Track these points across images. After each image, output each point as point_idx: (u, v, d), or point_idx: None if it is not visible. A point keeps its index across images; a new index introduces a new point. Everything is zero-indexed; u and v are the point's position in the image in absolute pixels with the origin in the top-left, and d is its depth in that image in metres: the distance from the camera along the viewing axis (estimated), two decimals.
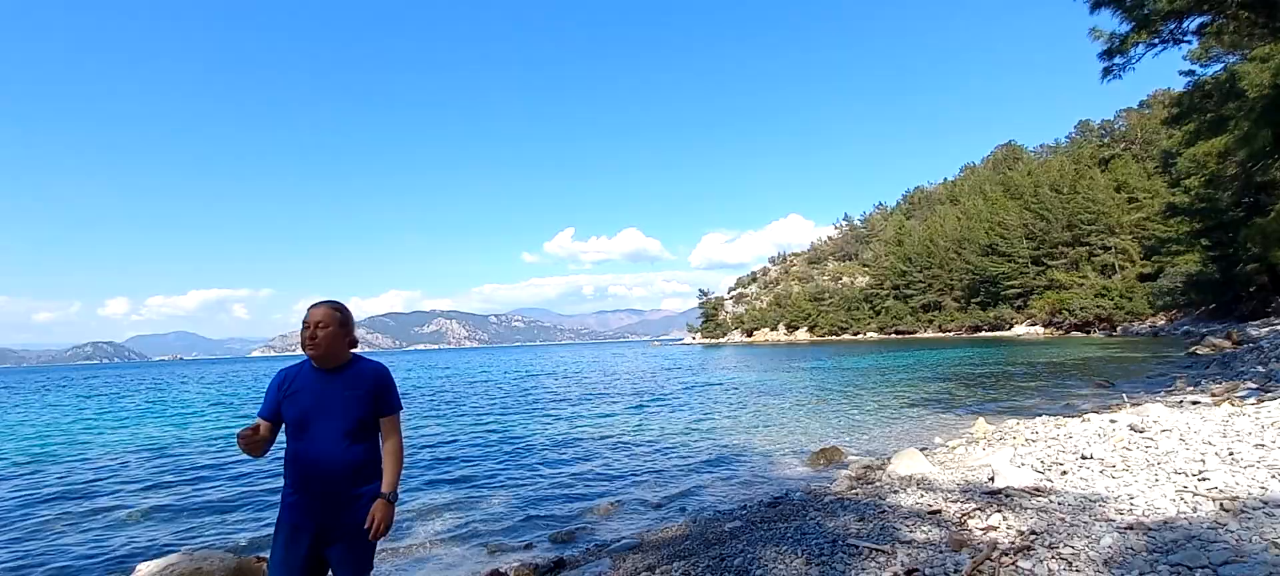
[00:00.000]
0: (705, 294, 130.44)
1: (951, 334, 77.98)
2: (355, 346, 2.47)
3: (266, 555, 3.80)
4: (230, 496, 7.99)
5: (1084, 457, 5.64)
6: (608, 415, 15.05)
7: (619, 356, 66.11)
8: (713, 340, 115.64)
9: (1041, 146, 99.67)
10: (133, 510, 7.50)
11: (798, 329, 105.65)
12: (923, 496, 4.91)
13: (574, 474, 8.45)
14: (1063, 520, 3.84)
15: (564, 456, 9.79)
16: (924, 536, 3.85)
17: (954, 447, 8.14)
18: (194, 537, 6.33)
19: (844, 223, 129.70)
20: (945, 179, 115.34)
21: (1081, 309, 60.65)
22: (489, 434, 12.56)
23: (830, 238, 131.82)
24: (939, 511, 4.39)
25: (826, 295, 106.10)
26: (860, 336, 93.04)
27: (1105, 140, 79.99)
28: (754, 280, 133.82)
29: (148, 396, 29.63)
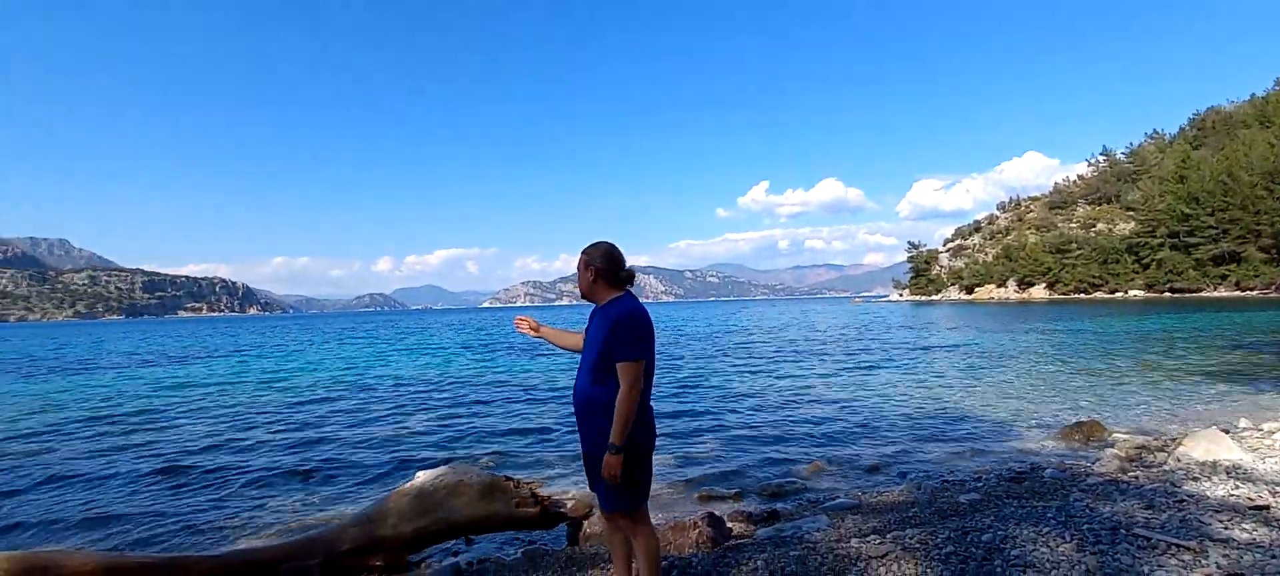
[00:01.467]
0: (915, 246, 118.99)
1: (1255, 293, 61.63)
2: (628, 282, 2.46)
3: (513, 475, 4.29)
4: (484, 421, 9.35)
5: None
6: (811, 372, 14.55)
7: (818, 313, 63.65)
8: (924, 297, 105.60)
9: None
10: (412, 427, 9.14)
11: (1033, 285, 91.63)
12: (1237, 487, 3.90)
13: (780, 429, 8.30)
14: None
15: (768, 411, 9.67)
16: (1247, 536, 3.04)
17: (1273, 431, 6.41)
18: (454, 449, 7.48)
19: (1101, 158, 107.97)
20: (1253, 95, 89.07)
21: None
22: (692, 385, 12.90)
23: (1080, 177, 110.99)
24: (1267, 507, 3.45)
25: (1074, 245, 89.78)
26: (1118, 294, 78.00)
27: None
28: (977, 230, 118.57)
29: (417, 339, 35.80)
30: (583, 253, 2.47)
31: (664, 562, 3.04)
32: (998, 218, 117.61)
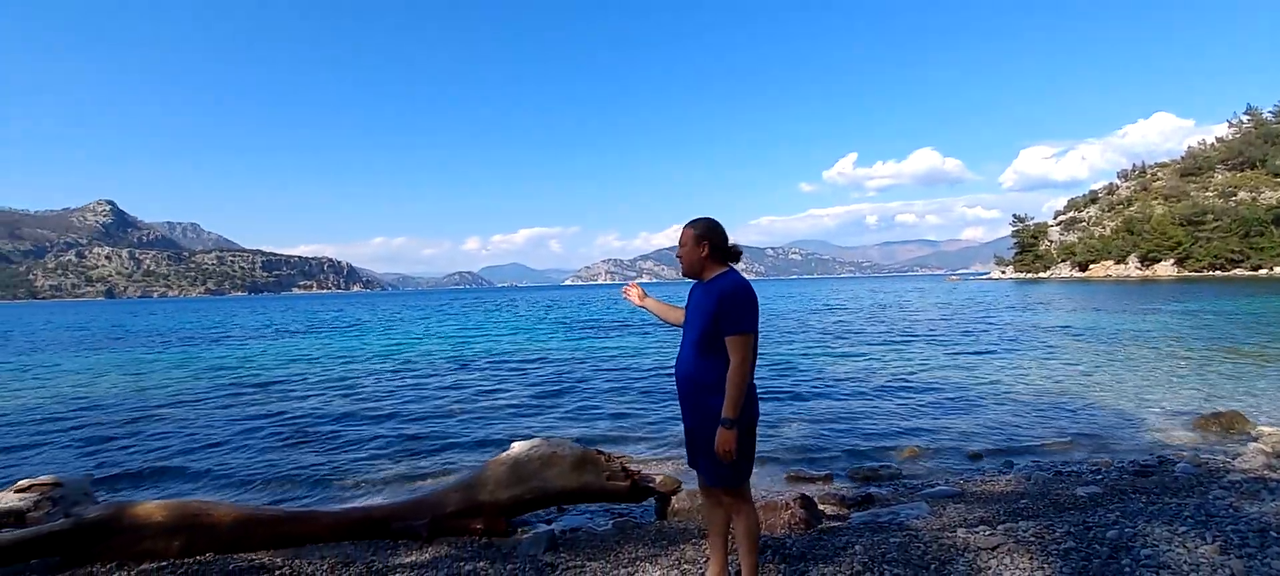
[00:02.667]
0: (1021, 220, 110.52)
1: None
2: (735, 258, 2.42)
3: (604, 449, 4.38)
4: (572, 395, 9.65)
5: None
6: (904, 353, 13.94)
7: (910, 291, 60.73)
8: (1030, 275, 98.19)
9: None
10: (505, 399, 9.56)
11: (1157, 261, 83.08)
12: None
13: (871, 412, 8.01)
14: None
15: (858, 393, 9.36)
16: None
17: None
18: (545, 421, 7.75)
19: (1245, 117, 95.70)
20: None
21: None
22: (777, 365, 12.67)
23: (1220, 139, 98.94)
24: None
25: (1210, 216, 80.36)
26: (1263, 271, 69.39)
27: None
28: (1093, 201, 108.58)
29: (506, 315, 37.24)
30: (690, 227, 2.41)
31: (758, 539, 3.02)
32: (1118, 187, 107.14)
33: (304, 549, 3.56)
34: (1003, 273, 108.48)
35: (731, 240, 2.43)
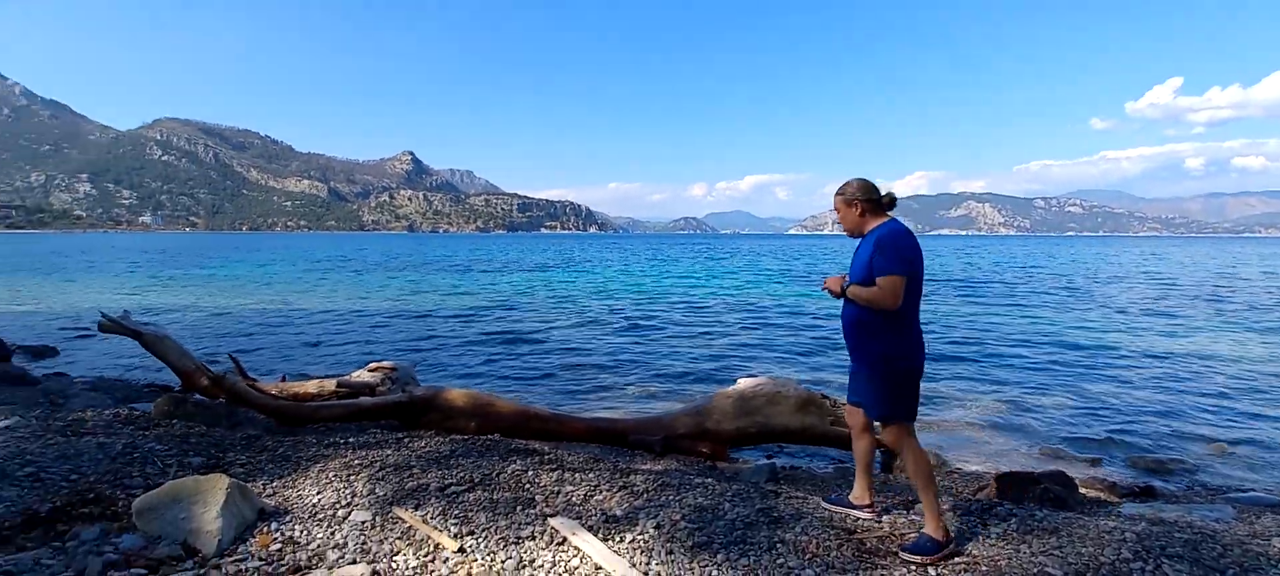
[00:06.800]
0: None
1: None
2: (890, 207, 2.56)
3: (830, 395, 4.39)
4: (801, 342, 9.75)
5: None
6: (1227, 336, 11.16)
7: (1249, 258, 47.41)
8: None
9: None
10: (734, 338, 10.02)
11: None
12: None
13: (1165, 399, 6.66)
14: None
15: (1148, 374, 7.82)
16: None
17: None
18: (766, 362, 7.93)
19: None
20: None
21: None
22: (1039, 333, 11.08)
23: None
24: None
25: None
26: None
27: None
28: None
29: (738, 262, 37.97)
30: (838, 196, 2.60)
31: (1000, 507, 2.83)
32: None
33: (562, 444, 4.23)
34: None
35: (958, 188, 2.43)
